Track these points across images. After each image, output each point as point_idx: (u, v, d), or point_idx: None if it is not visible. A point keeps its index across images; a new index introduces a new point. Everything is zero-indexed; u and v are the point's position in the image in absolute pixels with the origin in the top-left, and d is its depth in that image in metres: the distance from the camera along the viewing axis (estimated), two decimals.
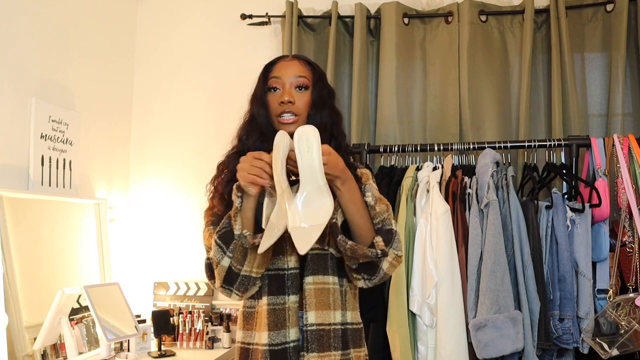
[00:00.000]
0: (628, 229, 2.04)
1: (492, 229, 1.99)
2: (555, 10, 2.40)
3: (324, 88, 1.53)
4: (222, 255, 1.37)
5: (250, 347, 1.44)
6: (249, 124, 1.53)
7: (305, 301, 1.40)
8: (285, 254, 1.42)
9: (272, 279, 1.41)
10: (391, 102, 2.49)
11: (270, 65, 1.54)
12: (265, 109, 1.50)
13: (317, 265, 1.41)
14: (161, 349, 2.30)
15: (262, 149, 1.40)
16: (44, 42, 2.17)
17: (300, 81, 1.49)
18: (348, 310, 1.45)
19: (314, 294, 1.40)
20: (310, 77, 1.51)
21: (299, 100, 1.48)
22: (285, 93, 1.47)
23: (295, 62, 1.52)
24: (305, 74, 1.51)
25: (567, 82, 2.38)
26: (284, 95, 1.47)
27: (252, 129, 1.51)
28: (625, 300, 1.95)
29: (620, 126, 2.35)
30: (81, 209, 2.31)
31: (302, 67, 1.52)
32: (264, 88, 1.51)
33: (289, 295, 1.40)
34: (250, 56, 2.73)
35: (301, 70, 1.50)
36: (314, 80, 1.51)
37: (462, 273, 2.03)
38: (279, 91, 1.49)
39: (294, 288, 1.40)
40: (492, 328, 1.93)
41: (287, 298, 1.40)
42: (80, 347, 2.05)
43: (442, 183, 2.14)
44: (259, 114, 1.50)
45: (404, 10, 2.55)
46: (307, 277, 1.41)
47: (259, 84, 1.53)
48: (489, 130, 2.47)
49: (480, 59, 2.48)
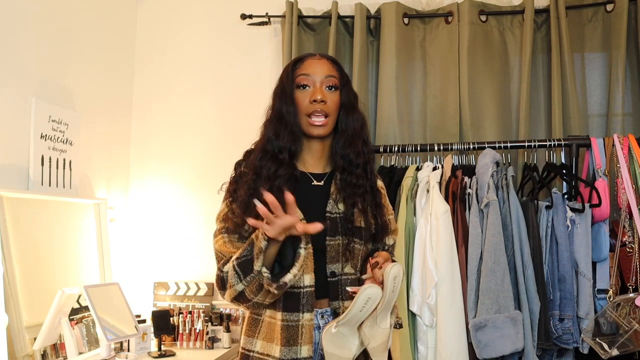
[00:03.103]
0: (628, 229, 2.04)
1: (492, 229, 1.99)
2: (555, 10, 2.40)
3: (351, 91, 1.51)
4: (238, 282, 1.34)
5: (250, 354, 1.43)
6: (276, 122, 1.44)
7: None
8: (301, 272, 1.39)
9: (287, 296, 1.39)
10: (391, 102, 2.49)
11: (298, 62, 1.49)
12: (294, 107, 1.44)
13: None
14: (161, 349, 2.30)
15: (293, 150, 1.41)
16: (44, 42, 2.17)
17: (331, 81, 1.46)
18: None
19: None
20: (339, 78, 1.48)
21: (330, 100, 1.44)
22: (317, 91, 1.43)
23: (325, 61, 1.48)
24: (335, 74, 1.47)
25: (567, 82, 2.38)
26: (317, 94, 1.43)
27: (282, 128, 1.43)
28: (625, 300, 1.95)
29: (620, 126, 2.35)
30: (81, 208, 2.31)
31: (332, 67, 1.48)
32: (292, 85, 1.46)
33: (303, 313, 1.39)
34: (250, 56, 2.73)
35: (331, 70, 1.47)
36: (342, 81, 1.48)
37: (462, 273, 2.03)
38: (309, 89, 1.44)
39: (308, 306, 1.39)
40: (492, 328, 1.93)
41: (302, 315, 1.39)
42: (80, 347, 2.05)
43: (442, 183, 2.14)
44: (288, 111, 1.43)
45: (404, 10, 2.55)
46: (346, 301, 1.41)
47: (286, 80, 1.46)
48: (489, 130, 2.47)
49: (480, 59, 2.48)
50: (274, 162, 1.42)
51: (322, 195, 1.47)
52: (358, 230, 1.45)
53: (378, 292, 1.31)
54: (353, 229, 1.44)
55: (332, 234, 1.42)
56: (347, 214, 1.44)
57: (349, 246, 1.43)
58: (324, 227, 1.35)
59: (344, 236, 1.42)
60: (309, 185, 1.48)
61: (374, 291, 1.31)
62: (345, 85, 1.49)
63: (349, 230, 1.43)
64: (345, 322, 1.34)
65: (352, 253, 1.44)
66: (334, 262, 1.42)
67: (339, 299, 1.42)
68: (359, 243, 1.45)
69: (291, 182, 1.42)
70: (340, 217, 1.43)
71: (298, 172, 1.46)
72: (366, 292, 1.31)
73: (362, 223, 1.46)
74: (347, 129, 1.47)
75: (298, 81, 1.45)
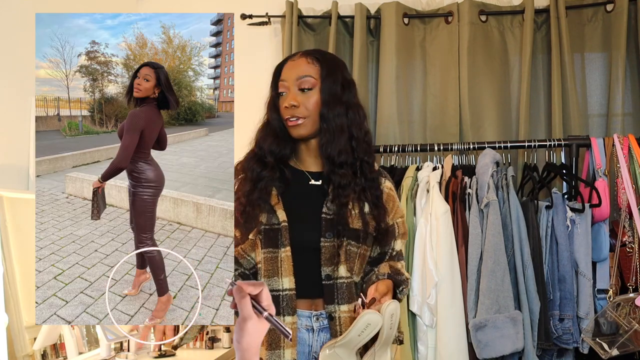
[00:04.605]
0: (628, 229, 2.04)
1: (492, 229, 1.99)
2: (555, 10, 2.40)
3: (335, 83, 1.45)
4: None
5: None
6: (264, 128, 1.51)
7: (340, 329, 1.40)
8: (280, 275, 1.40)
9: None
10: (391, 102, 2.49)
11: (279, 67, 1.51)
12: (277, 113, 1.48)
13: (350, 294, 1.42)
14: (161, 348, 2.30)
15: (277, 152, 1.44)
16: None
17: (305, 82, 1.44)
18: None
19: (349, 322, 1.40)
20: (317, 74, 1.45)
21: (304, 102, 1.43)
22: (289, 97, 1.45)
23: (301, 61, 1.47)
24: (311, 72, 1.45)
25: (567, 82, 2.38)
26: (288, 99, 1.45)
27: (267, 133, 1.49)
28: (625, 300, 1.95)
29: (620, 126, 2.35)
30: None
31: (307, 65, 1.45)
32: (276, 92, 1.50)
33: (284, 316, 1.38)
34: (250, 56, 2.73)
35: (305, 70, 1.45)
36: (322, 76, 1.45)
37: (462, 273, 2.03)
38: (285, 94, 1.47)
39: (289, 309, 1.39)
40: (492, 328, 1.93)
41: (282, 319, 1.38)
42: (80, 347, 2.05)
43: (442, 183, 2.14)
44: (272, 117, 1.49)
45: (404, 10, 2.55)
46: (342, 305, 1.41)
47: (272, 88, 1.52)
48: (489, 130, 2.47)
49: (480, 59, 2.48)
50: (258, 165, 1.46)
51: (320, 195, 1.46)
52: (353, 231, 1.43)
53: (378, 320, 1.30)
54: (347, 230, 1.42)
55: (327, 235, 1.41)
56: (345, 215, 1.42)
57: (345, 248, 1.42)
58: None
59: (338, 238, 1.41)
60: (307, 184, 1.48)
61: (374, 317, 1.30)
62: (326, 79, 1.44)
63: (342, 231, 1.41)
64: (343, 344, 1.33)
65: (347, 255, 1.42)
66: (328, 264, 1.41)
67: (334, 302, 1.41)
68: (355, 245, 1.43)
69: (281, 183, 1.45)
70: (337, 218, 1.42)
71: (289, 172, 1.47)
72: (366, 318, 1.30)
73: (357, 225, 1.44)
74: (329, 125, 1.44)
75: (278, 88, 1.49)
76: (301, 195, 1.46)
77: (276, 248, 1.40)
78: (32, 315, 1.86)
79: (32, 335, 1.88)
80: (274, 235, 1.40)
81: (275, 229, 1.40)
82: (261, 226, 1.41)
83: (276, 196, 1.44)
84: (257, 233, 1.42)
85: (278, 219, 1.41)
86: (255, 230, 1.42)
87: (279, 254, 1.40)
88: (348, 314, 1.41)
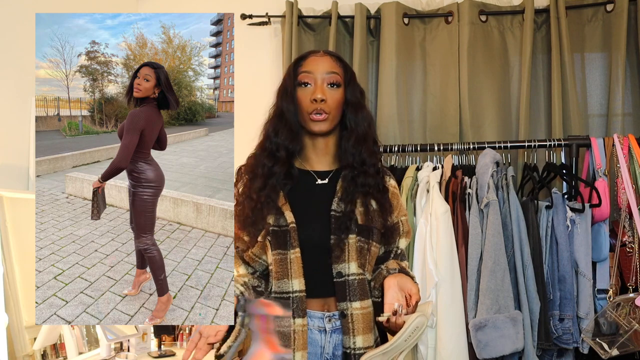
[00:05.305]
0: (628, 229, 2.04)
1: (492, 229, 1.99)
2: (555, 10, 2.40)
3: (357, 88, 1.48)
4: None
5: None
6: (277, 120, 1.44)
7: (352, 326, 1.39)
8: (289, 277, 1.38)
9: (277, 302, 1.37)
10: (391, 102, 2.49)
11: (301, 59, 1.47)
12: (294, 105, 1.43)
13: (362, 291, 1.41)
14: (161, 348, 2.30)
15: (290, 147, 1.40)
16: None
17: (333, 78, 1.43)
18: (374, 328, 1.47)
19: (361, 319, 1.39)
20: (342, 75, 1.45)
21: (331, 98, 1.42)
22: (317, 90, 1.41)
23: (328, 58, 1.46)
24: (338, 70, 1.44)
25: (567, 82, 2.38)
26: (317, 93, 1.40)
27: (281, 126, 1.43)
28: (625, 300, 1.95)
29: (620, 126, 2.35)
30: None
31: (335, 63, 1.45)
32: (294, 82, 1.44)
33: (294, 318, 1.37)
34: (250, 56, 2.73)
35: (333, 67, 1.44)
36: (346, 78, 1.45)
37: (462, 273, 2.03)
38: (310, 87, 1.42)
39: (299, 311, 1.37)
40: (492, 328, 1.93)
41: (293, 321, 1.37)
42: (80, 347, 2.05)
43: (442, 183, 2.14)
44: (288, 109, 1.42)
45: (404, 10, 2.55)
46: (354, 302, 1.39)
47: (288, 78, 1.45)
48: (489, 130, 2.47)
49: (480, 59, 2.48)
50: (270, 159, 1.42)
51: (327, 194, 1.45)
52: (365, 229, 1.43)
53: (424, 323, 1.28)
54: (360, 227, 1.42)
55: (337, 232, 1.40)
56: (354, 212, 1.42)
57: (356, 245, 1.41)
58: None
59: (350, 235, 1.41)
60: (313, 184, 1.47)
61: (423, 321, 1.27)
62: (351, 82, 1.46)
63: (355, 229, 1.41)
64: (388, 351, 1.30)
65: (358, 252, 1.42)
66: (339, 261, 1.40)
67: (346, 299, 1.40)
68: (365, 242, 1.43)
69: (288, 181, 1.43)
70: (346, 216, 1.41)
71: (295, 171, 1.45)
72: (417, 322, 1.26)
73: (370, 222, 1.44)
74: (357, 127, 1.45)
75: (300, 79, 1.43)
76: (308, 195, 1.44)
77: (285, 249, 1.39)
78: (32, 315, 1.85)
79: (32, 335, 1.88)
80: (283, 237, 1.39)
81: (284, 230, 1.39)
82: (269, 227, 1.40)
83: (283, 196, 1.42)
84: (265, 235, 1.40)
85: (286, 220, 1.40)
86: (264, 231, 1.40)
87: (288, 255, 1.38)
88: (360, 310, 1.39)
